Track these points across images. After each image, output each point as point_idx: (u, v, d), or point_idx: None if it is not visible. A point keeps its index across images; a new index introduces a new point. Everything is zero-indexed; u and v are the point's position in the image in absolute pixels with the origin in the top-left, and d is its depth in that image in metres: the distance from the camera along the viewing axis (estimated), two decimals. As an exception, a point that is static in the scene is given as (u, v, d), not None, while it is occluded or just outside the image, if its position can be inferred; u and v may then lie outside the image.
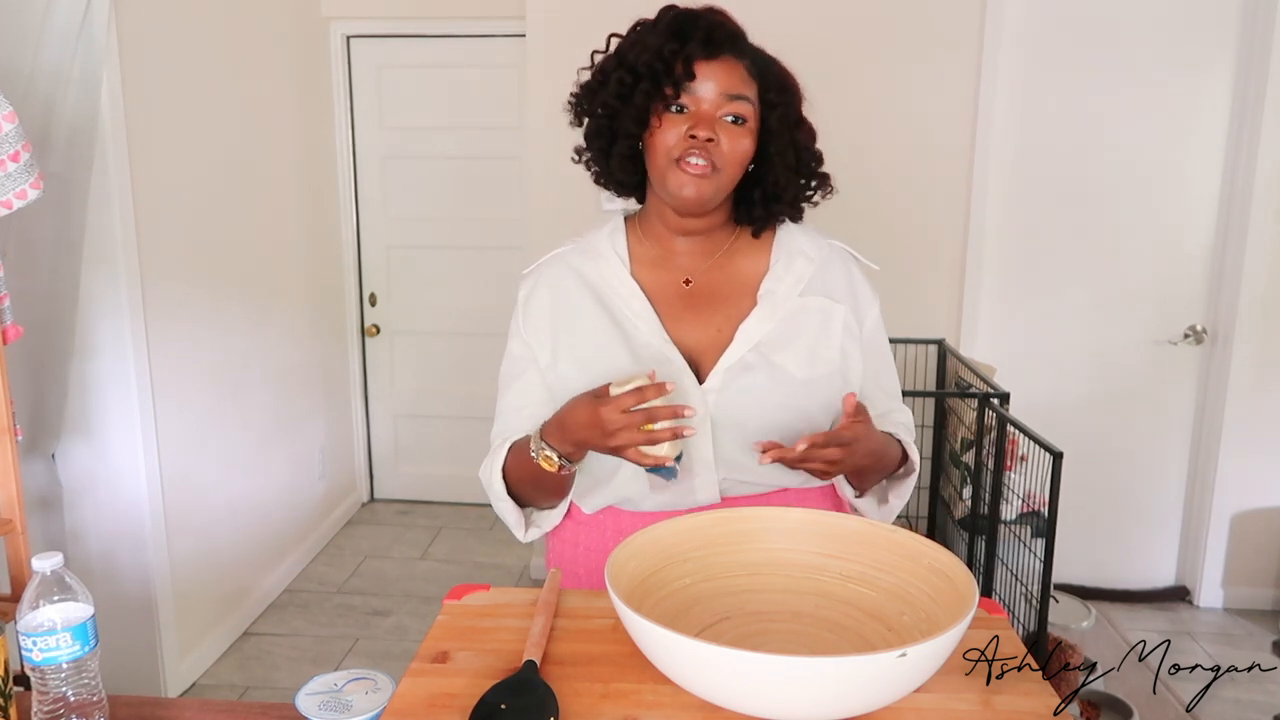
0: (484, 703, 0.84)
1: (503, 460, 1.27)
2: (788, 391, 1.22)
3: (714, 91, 1.17)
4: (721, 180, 1.20)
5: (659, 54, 1.16)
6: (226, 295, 3.06)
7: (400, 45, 3.91)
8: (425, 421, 4.22)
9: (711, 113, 1.17)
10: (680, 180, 1.19)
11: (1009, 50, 3.12)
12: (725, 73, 1.17)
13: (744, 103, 1.18)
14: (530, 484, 1.25)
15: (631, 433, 1.07)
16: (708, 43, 1.16)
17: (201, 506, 2.93)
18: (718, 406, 1.21)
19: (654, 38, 1.18)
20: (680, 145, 1.18)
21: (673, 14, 1.19)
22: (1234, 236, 3.13)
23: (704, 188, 1.19)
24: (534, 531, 1.33)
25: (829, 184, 1.29)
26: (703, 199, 1.20)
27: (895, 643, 0.93)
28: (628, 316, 1.25)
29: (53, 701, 0.96)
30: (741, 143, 1.19)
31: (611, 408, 1.07)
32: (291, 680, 2.85)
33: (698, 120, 1.17)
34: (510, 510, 1.29)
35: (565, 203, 3.12)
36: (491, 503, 1.30)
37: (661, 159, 1.20)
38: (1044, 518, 2.27)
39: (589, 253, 1.31)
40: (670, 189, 1.21)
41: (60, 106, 2.21)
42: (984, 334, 3.30)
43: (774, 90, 1.21)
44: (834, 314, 1.26)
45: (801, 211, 1.30)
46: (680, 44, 1.16)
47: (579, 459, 1.17)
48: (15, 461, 1.76)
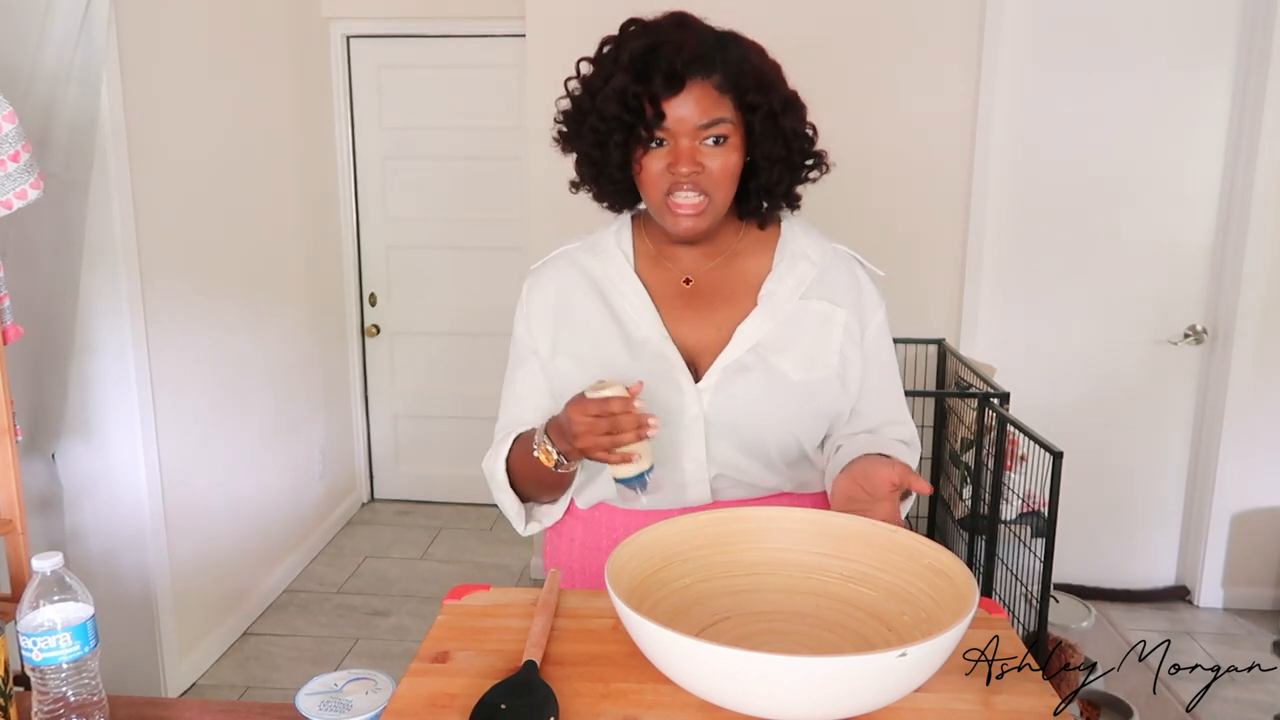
0: (484, 703, 0.84)
1: (507, 451, 1.27)
2: (783, 394, 1.22)
3: (688, 124, 1.15)
4: (715, 204, 1.19)
5: (624, 101, 1.14)
6: (226, 295, 3.06)
7: (400, 45, 3.91)
8: (425, 421, 4.22)
9: (690, 145, 1.16)
10: (674, 220, 1.19)
11: (1009, 50, 3.12)
12: (696, 101, 1.14)
13: (720, 124, 1.15)
14: (530, 479, 1.26)
15: (595, 437, 1.07)
16: (670, 78, 1.13)
17: (201, 506, 2.93)
18: (712, 405, 1.21)
19: (617, 79, 1.15)
20: (666, 179, 1.17)
21: (631, 49, 1.15)
22: (1234, 236, 3.13)
23: (699, 223, 1.19)
24: (533, 526, 1.33)
25: (825, 162, 1.26)
26: (699, 231, 1.21)
27: (895, 643, 0.93)
28: (628, 312, 1.25)
29: (53, 701, 0.96)
30: (728, 159, 1.17)
31: (578, 410, 1.08)
32: (291, 680, 2.85)
33: (677, 156, 1.16)
34: (511, 502, 1.29)
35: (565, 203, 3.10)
36: (493, 493, 1.30)
37: (652, 194, 1.20)
38: (1044, 517, 2.27)
39: (595, 249, 1.31)
40: (667, 226, 1.21)
41: (60, 106, 2.21)
42: (984, 334, 3.30)
43: (751, 91, 1.16)
44: (834, 318, 1.25)
45: (798, 196, 1.28)
46: (644, 84, 1.13)
47: (575, 459, 1.17)
48: (15, 461, 1.76)
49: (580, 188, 1.30)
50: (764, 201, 1.26)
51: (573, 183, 1.30)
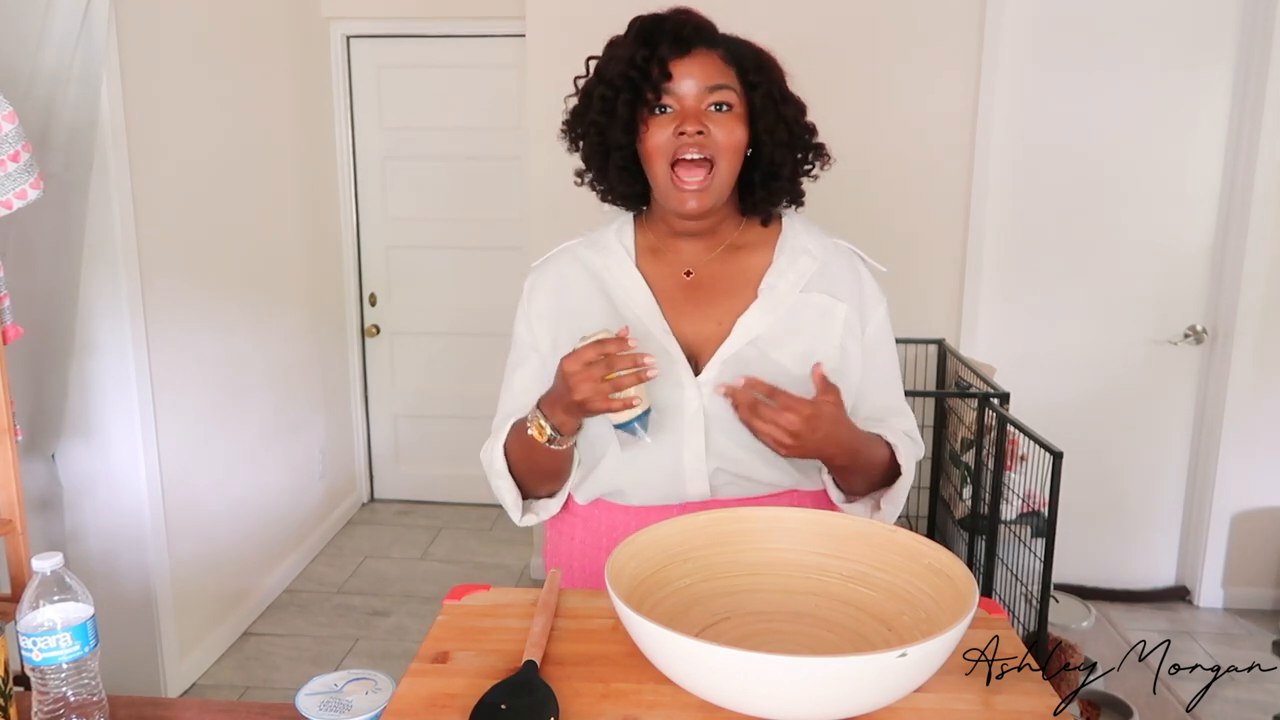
0: (484, 703, 0.84)
1: (504, 438, 1.27)
2: (783, 387, 1.21)
3: (694, 86, 1.18)
4: (720, 177, 1.20)
5: (632, 62, 1.18)
6: (226, 295, 3.06)
7: (400, 45, 3.91)
8: (425, 421, 4.22)
9: (696, 106, 1.18)
10: (680, 197, 1.20)
11: (1009, 50, 3.12)
12: (701, 66, 1.18)
13: (726, 90, 1.19)
14: (527, 463, 1.26)
15: (594, 383, 1.08)
16: (677, 41, 1.18)
17: (201, 506, 2.93)
18: (712, 399, 1.21)
19: (625, 49, 1.19)
20: (671, 144, 1.18)
21: (639, 22, 1.21)
22: (1234, 236, 3.13)
23: (704, 199, 1.20)
24: (530, 517, 1.33)
25: (825, 154, 1.29)
26: (705, 208, 1.21)
27: (895, 643, 0.93)
28: (628, 306, 1.26)
29: (53, 702, 0.96)
30: (733, 130, 1.19)
31: (573, 359, 1.09)
32: (291, 680, 2.85)
33: (684, 117, 1.18)
34: (509, 490, 1.29)
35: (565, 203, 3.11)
36: (490, 481, 1.30)
37: (657, 165, 1.20)
38: (1044, 517, 2.27)
39: (596, 245, 1.32)
40: (672, 205, 1.22)
41: (60, 106, 2.21)
42: (984, 334, 3.30)
43: (752, 71, 1.21)
44: (835, 312, 1.26)
45: (802, 190, 1.29)
46: (651, 48, 1.17)
47: (569, 431, 1.17)
48: (15, 461, 1.76)
49: (584, 177, 1.30)
50: (768, 189, 1.26)
51: (578, 172, 1.31)
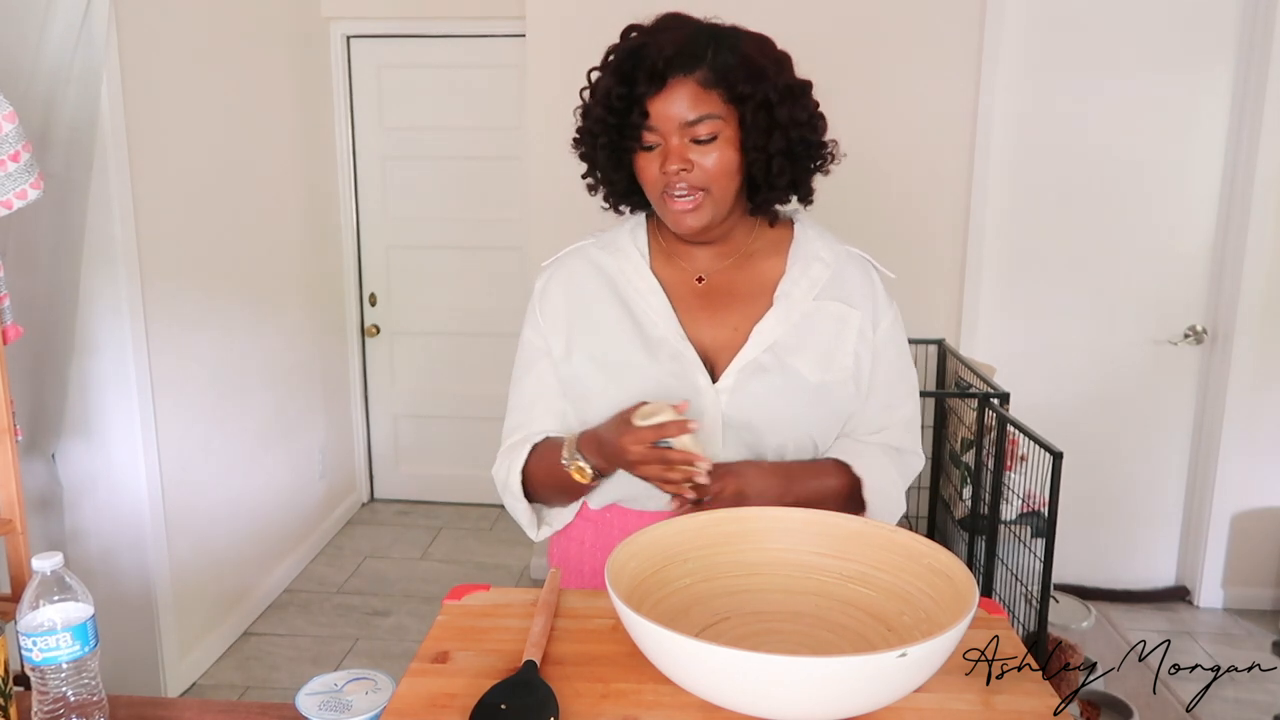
0: (484, 703, 0.84)
1: (523, 461, 1.26)
2: (800, 395, 1.21)
3: (673, 123, 1.15)
4: (715, 199, 1.18)
5: (609, 104, 1.16)
6: (226, 295, 3.06)
7: (400, 45, 3.91)
8: (425, 421, 4.22)
9: (679, 143, 1.16)
10: (675, 218, 1.20)
11: (1009, 50, 3.12)
12: (679, 99, 1.14)
13: (708, 120, 1.14)
14: (553, 488, 1.26)
15: (651, 466, 1.10)
16: (652, 77, 1.13)
17: (201, 506, 2.93)
18: (730, 406, 1.21)
19: (605, 82, 1.17)
20: (661, 180, 1.18)
21: (617, 55, 1.17)
22: (1234, 236, 3.13)
23: (699, 217, 1.19)
24: (545, 530, 1.33)
25: (832, 150, 1.24)
26: (702, 226, 1.20)
27: (895, 643, 0.93)
28: (644, 311, 1.25)
29: (53, 701, 0.96)
30: (721, 156, 1.16)
31: (632, 439, 1.10)
32: (291, 680, 2.85)
33: (666, 155, 1.16)
34: (524, 511, 1.29)
35: (565, 203, 3.12)
36: (504, 501, 1.30)
37: (652, 195, 1.21)
38: (1044, 518, 2.27)
39: (610, 247, 1.30)
40: (670, 224, 1.22)
41: (60, 106, 2.21)
42: (984, 334, 3.30)
43: (741, 82, 1.14)
44: (849, 319, 1.25)
45: (810, 190, 1.26)
46: (627, 87, 1.15)
47: (610, 473, 1.18)
48: (15, 461, 1.76)
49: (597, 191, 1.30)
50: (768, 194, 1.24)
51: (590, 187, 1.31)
